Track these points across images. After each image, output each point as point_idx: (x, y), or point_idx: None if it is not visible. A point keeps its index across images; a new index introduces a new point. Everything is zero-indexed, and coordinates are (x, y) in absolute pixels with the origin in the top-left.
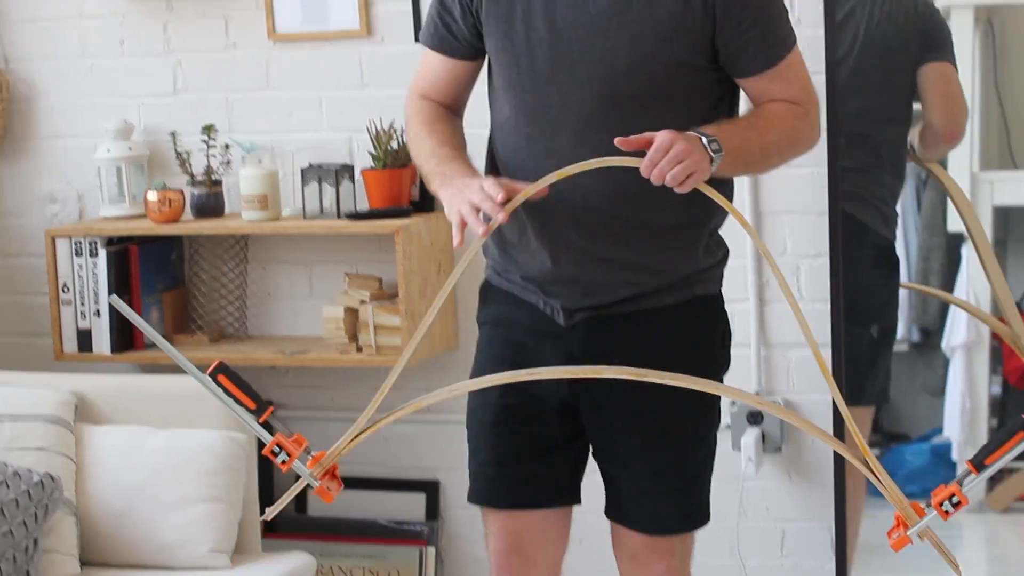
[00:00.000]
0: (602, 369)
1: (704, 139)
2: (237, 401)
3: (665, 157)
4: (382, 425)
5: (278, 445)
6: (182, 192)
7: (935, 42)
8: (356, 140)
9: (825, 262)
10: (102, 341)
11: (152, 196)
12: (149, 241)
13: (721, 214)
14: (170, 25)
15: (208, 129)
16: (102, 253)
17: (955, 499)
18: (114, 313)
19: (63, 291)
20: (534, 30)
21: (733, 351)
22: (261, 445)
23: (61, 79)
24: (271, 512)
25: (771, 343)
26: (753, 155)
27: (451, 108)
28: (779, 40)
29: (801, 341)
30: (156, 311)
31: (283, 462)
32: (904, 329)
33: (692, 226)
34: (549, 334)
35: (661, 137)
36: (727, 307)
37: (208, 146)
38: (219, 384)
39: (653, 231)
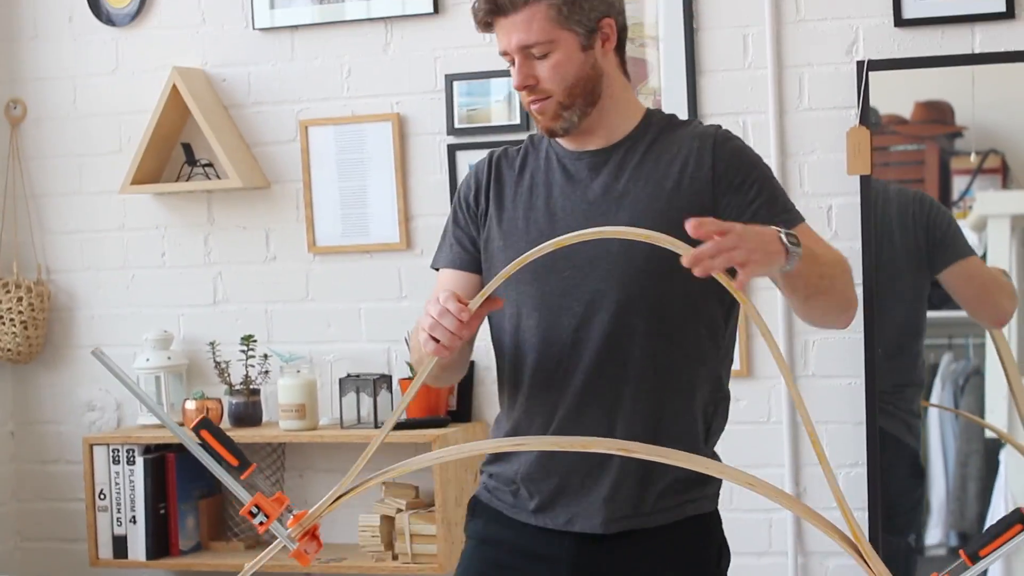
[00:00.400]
0: (589, 442)
1: (782, 233)
2: (219, 458)
3: (727, 237)
4: (366, 488)
5: (256, 506)
6: (220, 401)
7: (945, 244)
8: (394, 350)
9: (863, 471)
10: (137, 548)
11: (190, 405)
12: (186, 449)
13: (714, 422)
14: (211, 237)
15: (247, 339)
16: (139, 461)
17: None
18: (150, 520)
19: (100, 498)
20: (534, 223)
21: (771, 560)
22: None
23: (101, 290)
24: (248, 570)
25: (808, 551)
26: (817, 265)
27: None
28: (788, 208)
29: (839, 549)
30: (192, 518)
31: (261, 523)
32: (942, 534)
33: (691, 417)
34: (537, 556)
35: (730, 225)
36: (766, 515)
37: (247, 356)
38: (201, 440)
39: (650, 415)
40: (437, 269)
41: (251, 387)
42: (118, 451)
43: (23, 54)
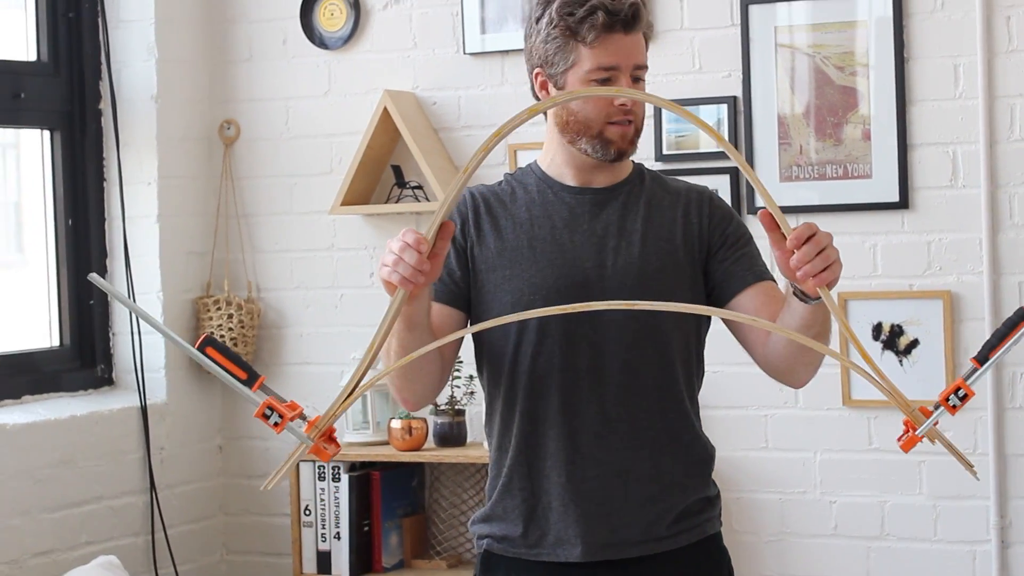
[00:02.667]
0: (594, 304)
1: None
2: (227, 371)
3: (820, 239)
4: (374, 383)
5: (269, 407)
6: (425, 421)
7: None
8: None
9: None
10: (341, 563)
11: (396, 424)
12: (391, 467)
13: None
14: None
15: None
16: (344, 478)
17: (961, 392)
18: (354, 536)
19: (305, 514)
20: (543, 253)
21: None
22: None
23: (310, 308)
24: (271, 482)
25: None
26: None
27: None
28: (767, 268)
29: None
30: (396, 535)
31: (275, 424)
32: None
33: (696, 435)
34: None
35: (817, 229)
36: (970, 548)
37: (452, 377)
38: (208, 356)
39: (661, 439)
40: None
41: (456, 408)
42: (324, 468)
43: (237, 76)
